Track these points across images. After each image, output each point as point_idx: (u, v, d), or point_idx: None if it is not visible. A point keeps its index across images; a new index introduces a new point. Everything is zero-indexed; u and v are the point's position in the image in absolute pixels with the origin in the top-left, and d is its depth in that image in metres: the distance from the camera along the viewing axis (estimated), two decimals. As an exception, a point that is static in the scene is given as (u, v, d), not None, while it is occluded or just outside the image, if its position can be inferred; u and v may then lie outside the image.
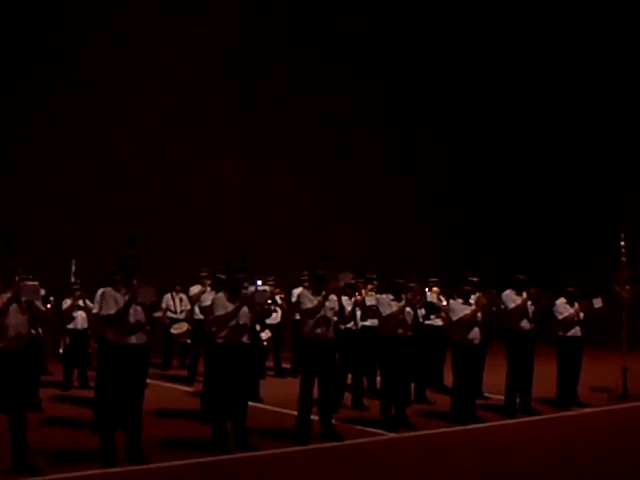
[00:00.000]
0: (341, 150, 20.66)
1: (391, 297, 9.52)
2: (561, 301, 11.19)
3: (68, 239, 15.35)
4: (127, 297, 7.50)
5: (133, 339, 7.53)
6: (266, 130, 19.37)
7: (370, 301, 10.21)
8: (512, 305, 10.46)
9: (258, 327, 10.90)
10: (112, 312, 7.50)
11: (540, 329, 10.77)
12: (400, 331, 9.45)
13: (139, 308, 7.56)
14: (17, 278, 7.40)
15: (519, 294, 10.52)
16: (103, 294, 7.75)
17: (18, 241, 7.29)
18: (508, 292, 10.58)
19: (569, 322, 11.11)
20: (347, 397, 10.93)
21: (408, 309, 9.49)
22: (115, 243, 8.33)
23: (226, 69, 19.03)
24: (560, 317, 11.12)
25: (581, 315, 11.20)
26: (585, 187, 22.44)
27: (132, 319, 7.51)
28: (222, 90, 18.89)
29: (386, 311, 9.42)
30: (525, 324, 10.51)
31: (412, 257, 10.50)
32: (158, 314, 9.33)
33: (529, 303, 10.49)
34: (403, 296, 9.49)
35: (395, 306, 9.42)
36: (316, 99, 20.23)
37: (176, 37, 18.18)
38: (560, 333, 11.18)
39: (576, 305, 11.18)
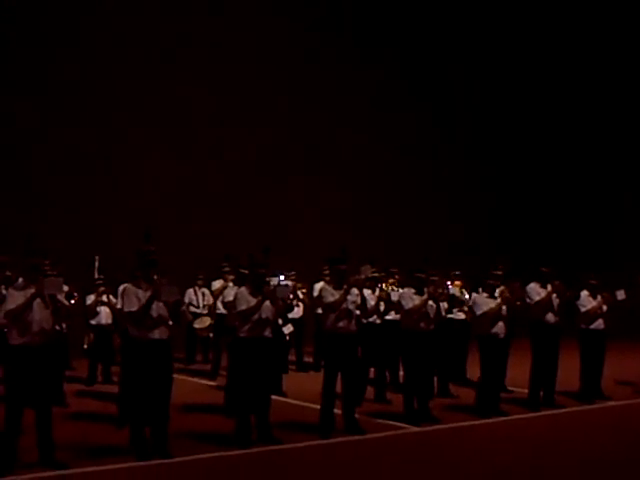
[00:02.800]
0: (359, 144, 20.60)
1: (413, 291, 9.51)
2: (584, 294, 11.13)
3: (91, 235, 15.42)
4: (149, 293, 7.49)
5: (156, 334, 7.52)
6: (285, 125, 19.36)
7: (394, 296, 10.20)
8: (537, 298, 10.41)
9: (280, 321, 10.92)
10: (134, 309, 7.49)
11: (564, 322, 10.71)
12: (422, 325, 9.43)
13: (161, 303, 7.54)
14: (42, 275, 7.45)
15: (544, 287, 10.47)
16: (124, 290, 7.78)
17: (42, 237, 7.34)
18: (533, 285, 10.53)
19: (592, 315, 11.05)
20: (370, 391, 10.93)
21: (430, 302, 9.47)
22: (138, 239, 8.36)
23: (257, 69, 19.06)
24: (583, 310, 11.07)
25: (604, 308, 11.14)
26: (608, 180, 22.28)
27: (154, 314, 7.50)
28: (245, 85, 18.90)
29: (408, 305, 9.41)
30: (550, 317, 10.46)
31: (433, 251, 10.45)
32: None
33: (554, 296, 10.44)
34: (425, 290, 9.48)
35: (417, 300, 9.41)
36: (335, 95, 20.20)
37: (194, 35, 18.17)
38: (583, 326, 11.12)
39: (599, 298, 11.12)
